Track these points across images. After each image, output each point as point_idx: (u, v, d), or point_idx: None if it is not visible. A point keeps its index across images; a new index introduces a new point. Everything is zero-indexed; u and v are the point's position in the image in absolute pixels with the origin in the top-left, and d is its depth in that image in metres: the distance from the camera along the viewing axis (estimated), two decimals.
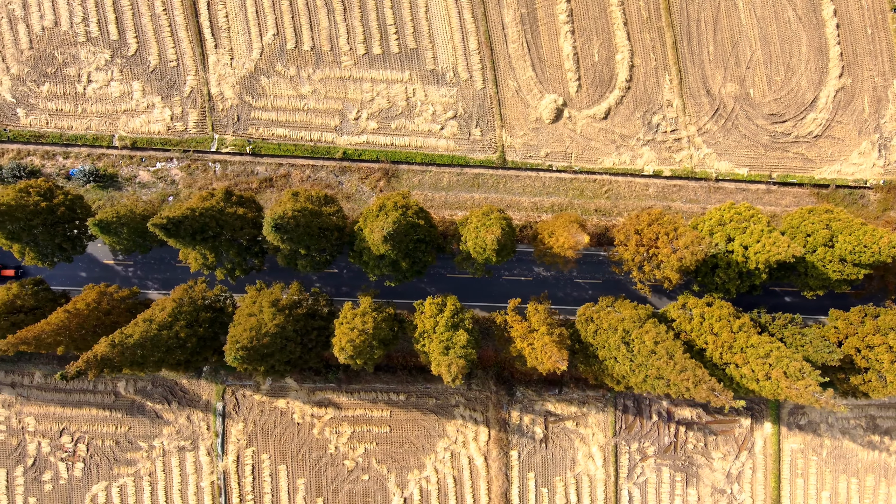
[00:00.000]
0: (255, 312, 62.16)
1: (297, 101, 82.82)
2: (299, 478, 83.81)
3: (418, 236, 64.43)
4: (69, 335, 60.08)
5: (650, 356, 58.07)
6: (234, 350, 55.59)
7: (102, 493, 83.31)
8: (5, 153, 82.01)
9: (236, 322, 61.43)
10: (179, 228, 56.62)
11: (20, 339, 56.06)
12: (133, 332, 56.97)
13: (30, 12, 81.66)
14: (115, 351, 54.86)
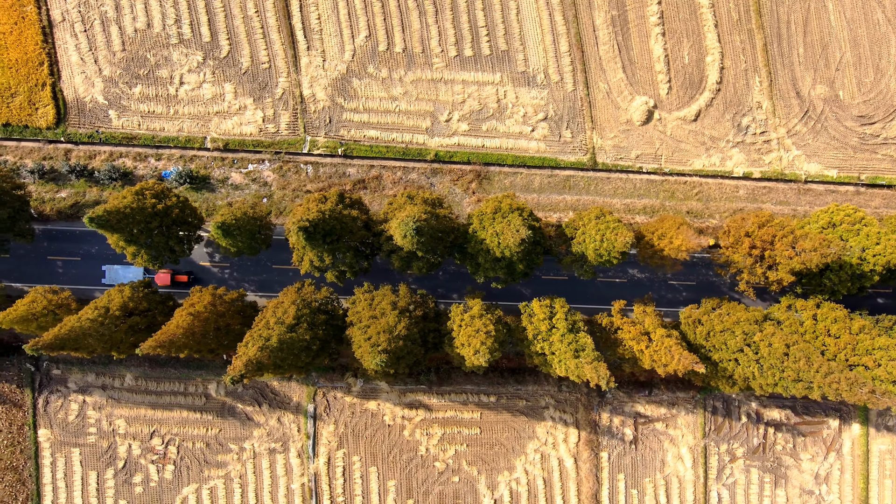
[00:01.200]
0: (378, 315, 62.14)
1: (388, 103, 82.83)
2: (390, 479, 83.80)
3: (535, 238, 64.46)
4: (193, 338, 60.00)
5: (783, 358, 58.18)
6: (377, 354, 55.54)
7: (193, 496, 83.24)
8: (97, 155, 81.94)
9: (361, 325, 61.42)
10: (316, 231, 56.57)
11: (158, 343, 56.02)
12: (270, 335, 56.88)
13: (122, 14, 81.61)
14: (265, 354, 54.74)
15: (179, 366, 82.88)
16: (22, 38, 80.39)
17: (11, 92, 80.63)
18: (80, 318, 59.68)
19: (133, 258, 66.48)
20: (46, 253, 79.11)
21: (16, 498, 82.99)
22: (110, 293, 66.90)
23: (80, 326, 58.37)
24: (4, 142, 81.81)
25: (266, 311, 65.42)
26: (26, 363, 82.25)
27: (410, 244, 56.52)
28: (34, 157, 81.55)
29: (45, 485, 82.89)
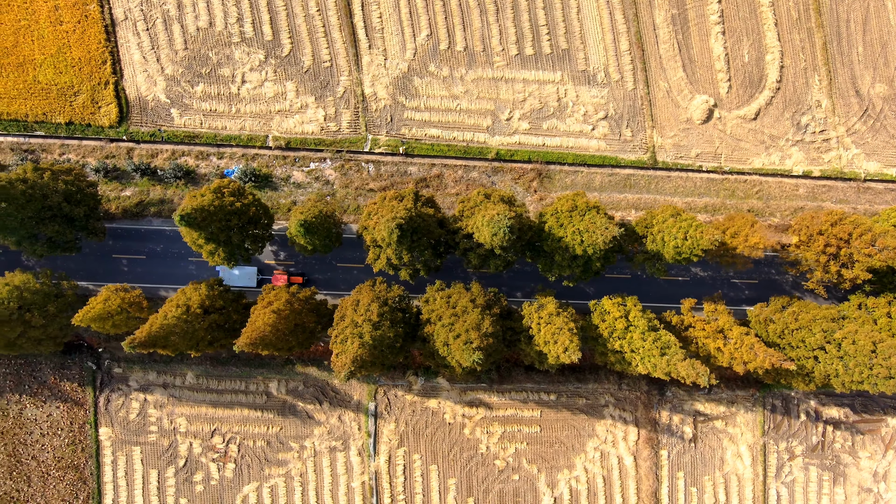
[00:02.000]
0: (459, 313, 62.20)
1: (449, 102, 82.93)
2: (450, 478, 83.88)
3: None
4: (278, 335, 60.07)
5: (870, 355, 58.37)
6: (472, 351, 55.59)
7: (253, 494, 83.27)
8: (159, 154, 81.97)
9: (443, 322, 61.47)
10: (406, 229, 56.69)
11: (251, 340, 56.12)
12: (362, 332, 56.90)
13: (184, 13, 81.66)
14: (365, 350, 54.76)
15: (241, 364, 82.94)
16: (85, 37, 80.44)
17: (74, 91, 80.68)
18: (165, 315, 59.73)
19: (210, 257, 66.45)
20: (112, 251, 79.12)
21: (77, 496, 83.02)
22: (185, 291, 66.92)
23: (168, 324, 58.40)
24: (67, 140, 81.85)
25: (345, 309, 65.47)
26: (88, 362, 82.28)
27: (501, 242, 56.59)
28: (96, 155, 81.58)
29: (106, 483, 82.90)
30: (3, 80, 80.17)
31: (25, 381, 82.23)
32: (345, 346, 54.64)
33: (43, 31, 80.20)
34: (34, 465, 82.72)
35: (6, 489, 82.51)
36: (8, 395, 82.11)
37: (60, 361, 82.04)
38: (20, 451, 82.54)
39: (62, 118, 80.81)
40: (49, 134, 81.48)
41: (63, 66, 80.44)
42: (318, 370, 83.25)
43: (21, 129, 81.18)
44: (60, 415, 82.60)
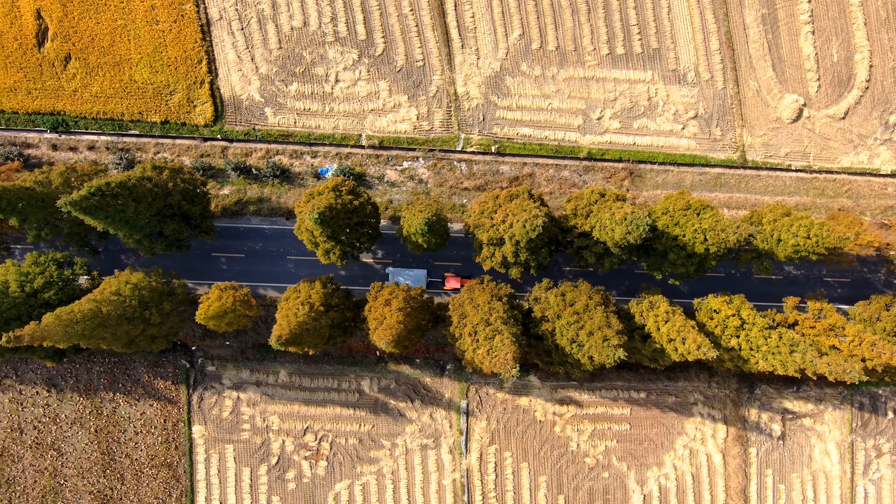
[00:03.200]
0: (580, 311, 62.60)
1: (541, 101, 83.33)
2: (541, 475, 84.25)
3: None
4: (406, 334, 60.42)
5: None
6: (613, 349, 56.11)
7: (345, 492, 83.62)
8: (253, 153, 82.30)
9: (565, 320, 61.85)
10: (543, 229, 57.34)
11: (393, 338, 56.46)
12: (502, 330, 57.28)
13: (278, 12, 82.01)
14: (517, 348, 55.11)
15: (333, 362, 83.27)
16: (181, 37, 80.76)
17: (170, 90, 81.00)
18: (296, 313, 60.02)
19: (325, 255, 66.72)
20: (210, 250, 79.45)
21: (170, 494, 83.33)
22: (300, 289, 67.19)
23: (301, 322, 58.70)
24: (162, 139, 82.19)
25: (461, 308, 65.86)
26: (182, 360, 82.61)
27: (635, 240, 56.94)
28: (191, 154, 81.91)
29: (199, 481, 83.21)
30: (99, 79, 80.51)
31: (120, 379, 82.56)
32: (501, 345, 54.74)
33: (139, 30, 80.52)
34: (127, 463, 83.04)
35: (100, 486, 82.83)
36: (102, 393, 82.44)
37: (155, 360, 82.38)
38: (114, 449, 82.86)
39: (158, 117, 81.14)
40: (143, 133, 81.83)
41: (159, 65, 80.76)
42: (410, 368, 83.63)
43: (116, 128, 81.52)
44: (154, 413, 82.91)
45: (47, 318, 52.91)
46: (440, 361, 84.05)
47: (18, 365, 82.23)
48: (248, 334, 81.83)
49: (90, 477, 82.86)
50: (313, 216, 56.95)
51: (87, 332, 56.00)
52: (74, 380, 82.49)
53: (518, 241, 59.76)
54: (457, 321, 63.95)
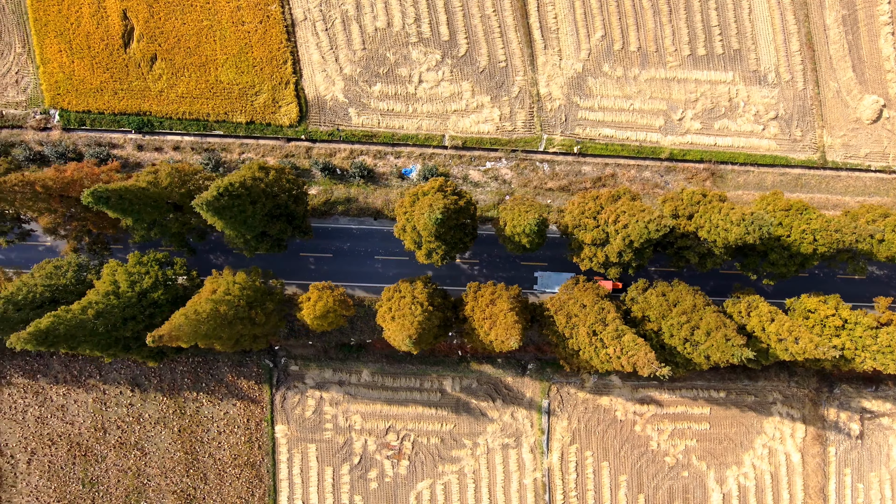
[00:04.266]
0: (688, 311, 62.91)
1: (622, 102, 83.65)
2: (621, 474, 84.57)
3: None
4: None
5: None
6: (738, 348, 56.47)
7: (427, 491, 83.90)
8: (337, 153, 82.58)
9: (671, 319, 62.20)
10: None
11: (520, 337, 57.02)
12: (624, 332, 57.66)
13: (362, 13, 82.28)
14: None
15: (416, 361, 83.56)
16: (266, 37, 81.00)
17: (255, 90, 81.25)
18: (413, 313, 60.26)
19: (426, 256, 67.02)
20: (299, 249, 79.72)
21: (252, 494, 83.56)
22: (399, 288, 67.47)
23: (421, 322, 59.00)
24: (246, 139, 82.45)
25: (567, 308, 66.24)
26: (265, 359, 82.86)
27: (754, 240, 57.26)
28: (275, 154, 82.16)
29: (282, 480, 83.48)
30: (185, 80, 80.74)
31: (203, 379, 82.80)
32: (619, 343, 55.10)
33: (225, 31, 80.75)
34: (210, 462, 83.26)
35: (183, 486, 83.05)
36: (186, 392, 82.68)
37: (238, 359, 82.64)
38: (197, 448, 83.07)
39: (243, 118, 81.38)
40: (228, 133, 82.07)
41: (245, 66, 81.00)
42: (492, 368, 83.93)
43: (201, 128, 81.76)
44: (237, 412, 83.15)
45: (178, 318, 53.14)
46: (521, 361, 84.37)
47: (102, 364, 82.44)
48: (331, 334, 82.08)
49: (173, 476, 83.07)
50: (434, 216, 57.19)
51: (210, 331, 56.26)
52: (158, 379, 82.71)
53: (631, 242, 60.08)
54: (564, 321, 64.22)
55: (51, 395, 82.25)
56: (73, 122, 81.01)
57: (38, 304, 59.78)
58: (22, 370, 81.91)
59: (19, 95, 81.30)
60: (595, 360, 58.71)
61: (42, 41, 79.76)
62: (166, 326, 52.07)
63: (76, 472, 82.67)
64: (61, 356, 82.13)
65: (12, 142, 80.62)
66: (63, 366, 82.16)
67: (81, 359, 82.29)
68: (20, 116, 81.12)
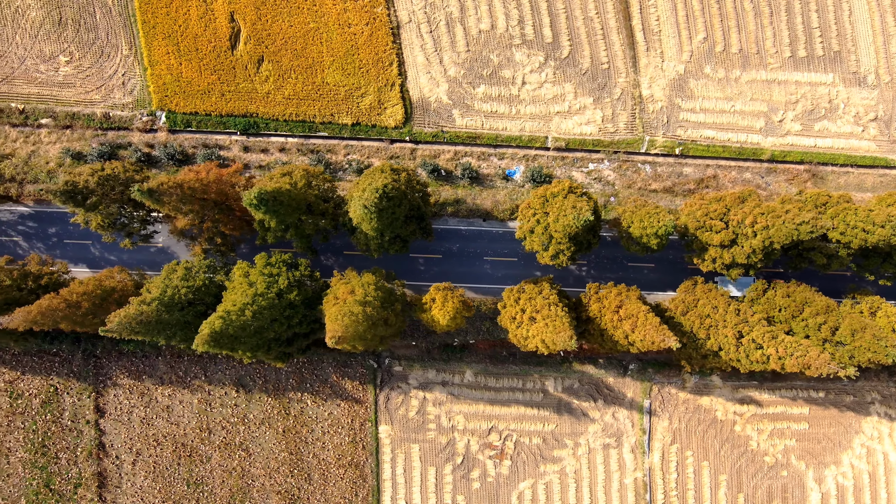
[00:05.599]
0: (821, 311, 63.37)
1: (724, 103, 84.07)
2: (721, 474, 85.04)
3: None
4: None
5: None
6: (893, 349, 56.99)
7: (529, 491, 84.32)
8: (441, 154, 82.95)
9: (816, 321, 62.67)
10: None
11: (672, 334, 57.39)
12: (778, 332, 58.16)
13: (466, 15, 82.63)
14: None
15: (519, 362, 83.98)
16: (372, 40, 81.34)
17: (361, 92, 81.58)
18: (557, 314, 60.66)
19: (554, 258, 67.46)
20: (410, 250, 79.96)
21: (356, 494, 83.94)
22: (525, 288, 67.89)
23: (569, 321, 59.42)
24: (351, 141, 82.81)
25: (686, 306, 66.62)
26: (369, 360, 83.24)
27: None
28: (380, 156, 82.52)
29: (385, 480, 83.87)
30: (292, 81, 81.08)
31: (308, 379, 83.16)
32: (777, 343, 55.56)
33: (331, 33, 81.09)
34: (315, 462, 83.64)
35: (287, 486, 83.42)
36: (290, 393, 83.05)
37: (343, 360, 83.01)
38: (301, 448, 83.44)
39: (349, 119, 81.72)
40: (332, 135, 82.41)
41: (351, 68, 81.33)
42: (594, 368, 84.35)
43: (306, 129, 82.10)
44: (341, 413, 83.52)
45: (344, 319, 53.46)
46: (622, 361, 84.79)
47: (207, 365, 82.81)
48: (435, 335, 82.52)
49: (277, 477, 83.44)
50: (584, 218, 57.61)
51: (361, 332, 56.63)
52: (263, 380, 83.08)
53: (772, 243, 60.49)
54: (698, 322, 64.63)
55: (156, 395, 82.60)
56: (179, 124, 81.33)
57: (181, 305, 60.08)
58: (128, 371, 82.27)
59: (126, 97, 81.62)
60: (743, 360, 59.19)
61: (150, 43, 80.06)
62: (338, 328, 52.40)
63: (181, 472, 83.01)
64: (167, 357, 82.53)
65: (119, 143, 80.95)
66: (168, 367, 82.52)
67: (187, 359, 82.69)
68: (127, 118, 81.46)
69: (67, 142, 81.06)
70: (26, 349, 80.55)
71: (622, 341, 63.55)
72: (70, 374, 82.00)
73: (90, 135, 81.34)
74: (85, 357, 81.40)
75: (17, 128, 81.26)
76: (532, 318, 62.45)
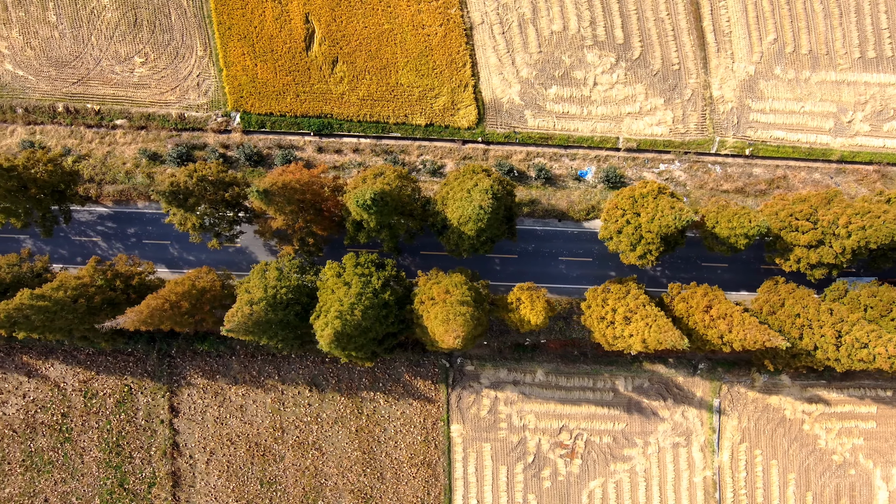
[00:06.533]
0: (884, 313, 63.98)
1: (793, 104, 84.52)
2: (789, 473, 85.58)
3: None
4: None
5: None
6: None
7: (599, 489, 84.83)
8: (513, 155, 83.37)
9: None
10: None
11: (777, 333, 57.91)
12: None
13: (539, 16, 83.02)
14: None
15: (590, 361, 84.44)
16: (446, 41, 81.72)
17: (435, 93, 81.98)
18: (656, 313, 61.14)
19: (642, 258, 67.89)
20: None
21: (428, 493, 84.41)
22: (611, 288, 68.31)
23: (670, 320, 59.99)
24: (423, 142, 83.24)
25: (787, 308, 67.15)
26: (442, 359, 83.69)
27: None
28: (453, 157, 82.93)
29: (457, 479, 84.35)
30: (367, 82, 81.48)
31: (381, 379, 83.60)
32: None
33: (405, 34, 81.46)
34: (387, 461, 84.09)
35: (360, 485, 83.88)
36: (363, 392, 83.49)
37: (416, 359, 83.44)
38: (374, 448, 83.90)
39: (422, 120, 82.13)
40: (405, 135, 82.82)
41: (425, 68, 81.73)
42: (664, 367, 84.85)
43: (379, 130, 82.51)
44: (413, 412, 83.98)
45: (461, 319, 53.92)
46: (692, 361, 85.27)
47: (281, 364, 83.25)
48: (509, 334, 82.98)
49: (350, 476, 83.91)
50: (687, 218, 58.07)
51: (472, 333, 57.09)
52: (336, 379, 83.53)
53: (868, 243, 60.99)
54: (789, 322, 65.11)
55: (230, 395, 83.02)
56: (253, 125, 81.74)
57: (284, 305, 60.50)
58: (202, 371, 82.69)
59: (200, 98, 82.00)
60: (843, 359, 59.74)
61: (226, 45, 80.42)
62: (457, 328, 52.91)
63: (254, 471, 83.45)
64: (240, 356, 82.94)
65: (194, 144, 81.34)
66: (242, 366, 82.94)
67: (260, 359, 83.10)
68: (201, 119, 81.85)
69: (143, 142, 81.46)
70: (101, 349, 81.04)
71: (715, 341, 64.02)
72: (144, 374, 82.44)
73: (164, 135, 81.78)
74: (160, 357, 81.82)
75: (92, 129, 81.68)
76: (626, 318, 62.88)
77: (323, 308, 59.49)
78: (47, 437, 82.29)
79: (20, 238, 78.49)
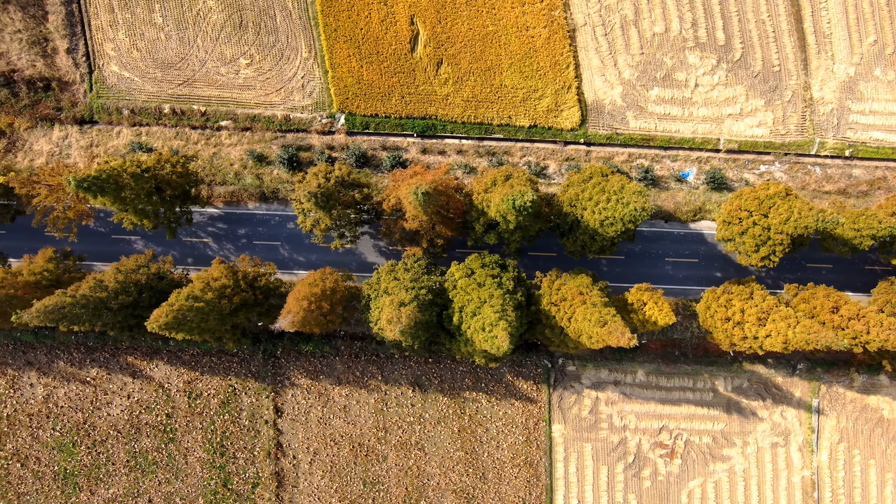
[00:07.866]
0: None
1: (893, 106, 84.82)
2: (888, 472, 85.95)
3: None
4: None
5: None
6: None
7: (698, 489, 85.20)
8: (615, 156, 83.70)
9: None
10: None
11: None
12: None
13: (641, 18, 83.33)
14: None
15: (690, 361, 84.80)
16: (550, 43, 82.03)
17: (539, 95, 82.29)
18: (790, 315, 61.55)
19: (763, 260, 68.24)
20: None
21: (530, 493, 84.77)
22: (731, 289, 68.65)
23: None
24: (525, 143, 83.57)
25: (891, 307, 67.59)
26: (543, 360, 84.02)
27: None
28: (556, 158, 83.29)
29: (558, 479, 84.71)
30: (471, 84, 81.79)
31: (483, 379, 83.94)
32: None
33: (510, 36, 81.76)
34: (490, 461, 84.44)
35: (462, 485, 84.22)
36: (466, 393, 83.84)
37: (518, 360, 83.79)
38: (476, 448, 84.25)
39: (526, 121, 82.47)
40: (507, 137, 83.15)
41: (529, 70, 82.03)
42: (764, 368, 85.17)
43: (482, 132, 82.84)
44: (515, 412, 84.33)
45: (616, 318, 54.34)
46: (791, 361, 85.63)
47: (384, 365, 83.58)
48: None
49: (452, 475, 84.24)
50: (830, 220, 58.47)
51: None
52: (439, 380, 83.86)
53: None
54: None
55: (333, 395, 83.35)
56: (357, 126, 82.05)
57: (426, 305, 60.84)
58: (306, 372, 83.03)
59: (305, 99, 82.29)
60: None
61: (332, 46, 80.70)
62: (622, 328, 53.33)
63: (357, 471, 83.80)
64: (344, 357, 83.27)
65: (300, 145, 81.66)
66: (346, 367, 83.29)
67: (364, 359, 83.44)
68: (306, 120, 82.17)
69: (248, 144, 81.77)
70: (206, 350, 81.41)
71: (848, 341, 64.39)
72: (248, 375, 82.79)
73: (269, 137, 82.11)
74: (265, 357, 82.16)
75: (197, 130, 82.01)
76: (760, 318, 63.24)
77: (465, 310, 59.78)
78: (151, 437, 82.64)
79: (131, 239, 78.93)
